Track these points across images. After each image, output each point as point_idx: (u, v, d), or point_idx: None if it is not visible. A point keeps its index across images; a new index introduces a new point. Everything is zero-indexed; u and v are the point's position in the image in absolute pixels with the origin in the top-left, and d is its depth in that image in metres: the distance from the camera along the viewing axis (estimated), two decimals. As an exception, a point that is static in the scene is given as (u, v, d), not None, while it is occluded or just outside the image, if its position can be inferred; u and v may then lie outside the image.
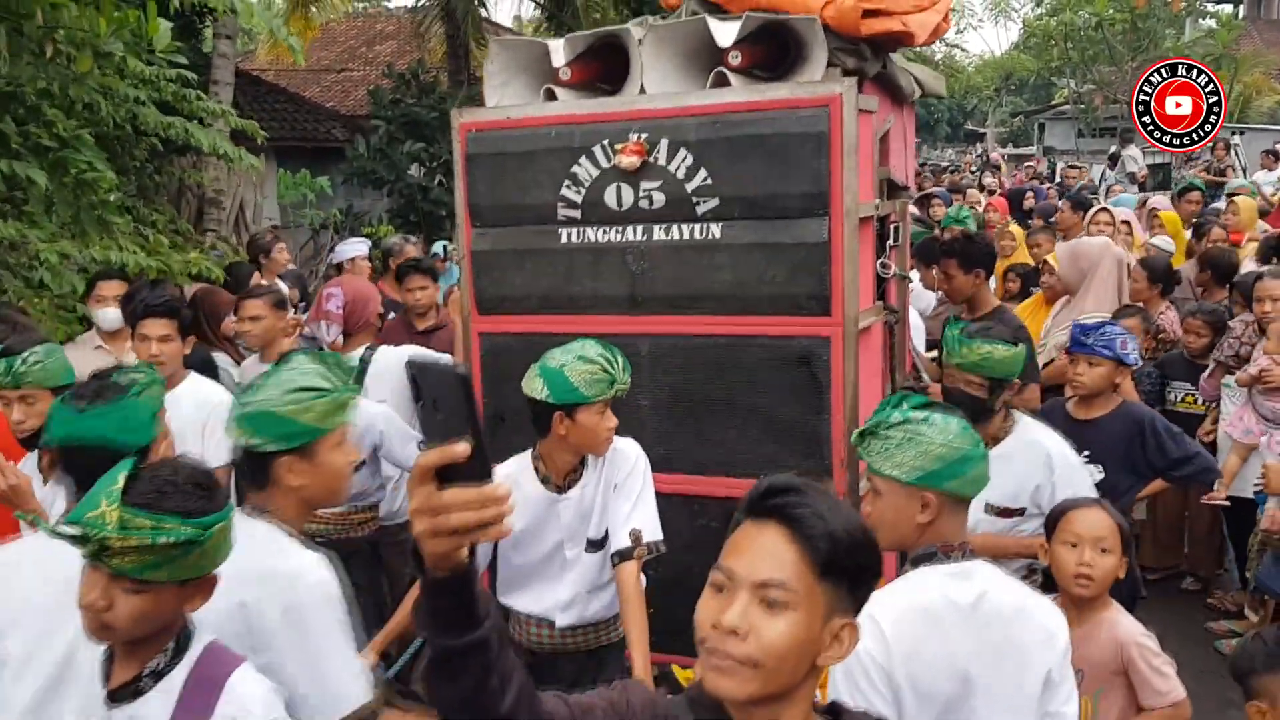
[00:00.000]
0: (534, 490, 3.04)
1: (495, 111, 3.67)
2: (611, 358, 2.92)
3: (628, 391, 3.53)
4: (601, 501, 3.03)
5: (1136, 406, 3.90)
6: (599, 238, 3.53)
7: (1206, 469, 3.82)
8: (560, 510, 3.04)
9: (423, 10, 17.26)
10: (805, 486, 1.48)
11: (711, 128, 3.33)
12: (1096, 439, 3.76)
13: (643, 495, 3.01)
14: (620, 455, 3.04)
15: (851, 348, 3.30)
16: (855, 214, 3.27)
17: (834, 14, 3.48)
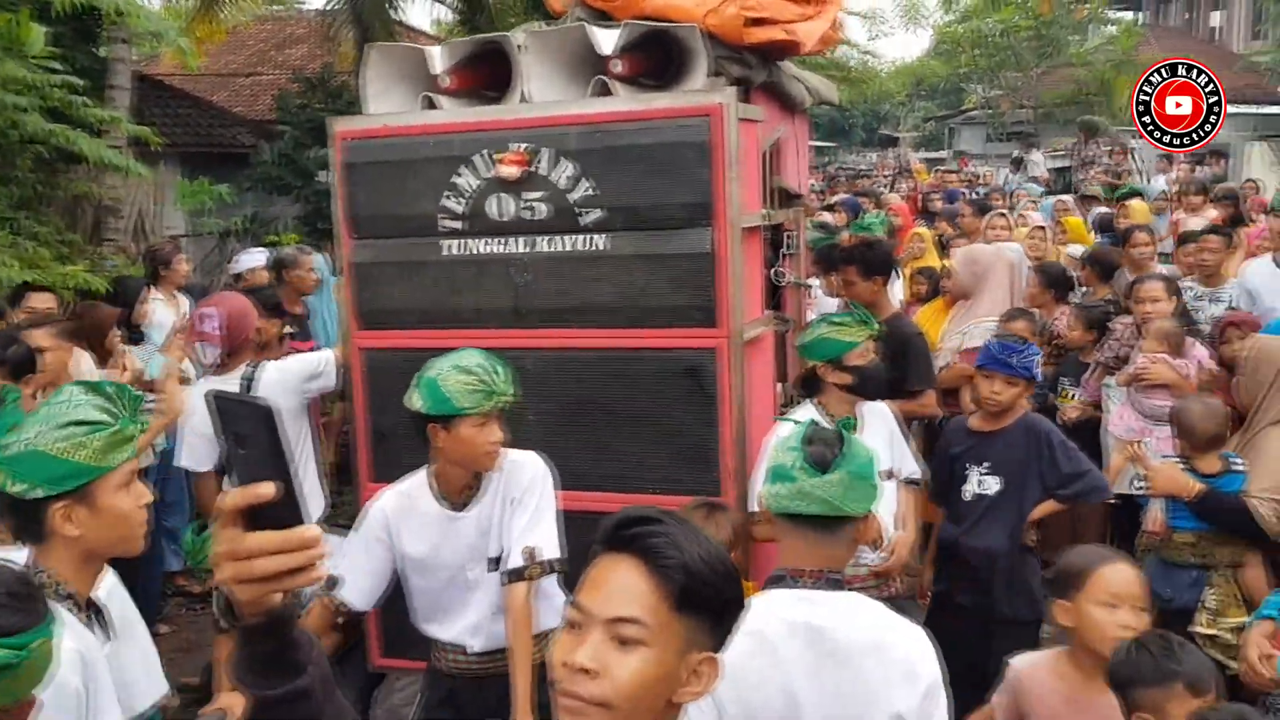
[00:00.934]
0: (431, 509, 2.93)
1: (373, 120, 3.56)
2: (491, 368, 2.82)
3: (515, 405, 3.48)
4: (500, 518, 2.93)
5: (1035, 418, 3.89)
6: (482, 249, 3.44)
7: (1096, 488, 3.78)
8: (459, 529, 2.93)
9: (333, 14, 16.96)
10: (662, 516, 1.43)
11: (594, 137, 3.27)
12: (996, 451, 3.76)
13: (540, 510, 2.91)
14: (518, 469, 2.94)
15: (738, 358, 3.27)
16: (739, 224, 3.23)
17: (717, 22, 3.45)
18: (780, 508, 2.10)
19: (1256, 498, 3.52)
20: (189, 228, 12.14)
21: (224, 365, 4.31)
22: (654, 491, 3.30)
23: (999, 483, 3.72)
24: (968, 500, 3.77)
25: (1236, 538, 3.62)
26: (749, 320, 3.40)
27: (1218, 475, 3.64)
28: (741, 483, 3.31)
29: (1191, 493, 3.57)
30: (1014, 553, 3.70)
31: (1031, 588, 3.69)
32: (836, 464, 2.09)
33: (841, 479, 2.07)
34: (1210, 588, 3.63)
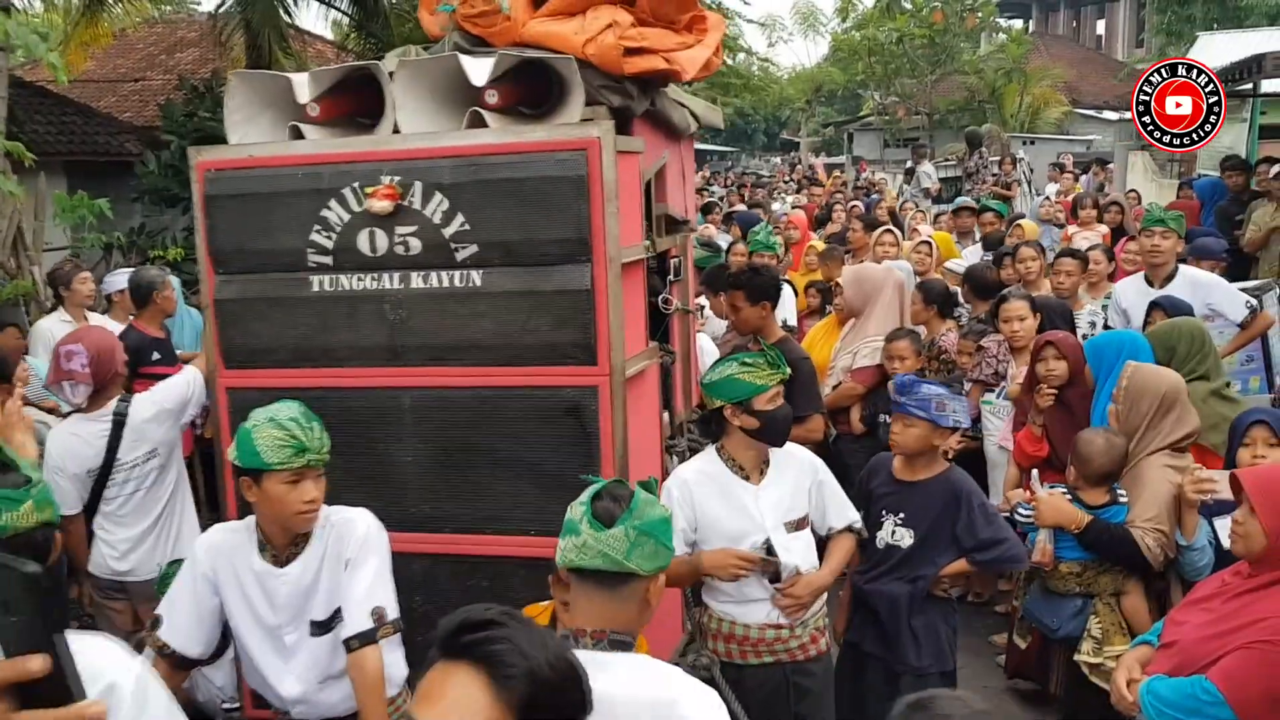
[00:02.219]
0: (252, 561, 2.79)
1: (237, 150, 3.41)
2: (304, 424, 2.69)
3: (387, 449, 3.36)
4: (328, 578, 2.78)
5: (959, 476, 3.69)
6: (353, 285, 3.31)
7: (1013, 558, 3.61)
8: (278, 587, 2.77)
9: (223, 17, 16.44)
10: (503, 619, 1.34)
11: (467, 170, 3.17)
12: (914, 504, 3.63)
13: (380, 570, 2.78)
14: (349, 526, 2.80)
15: (620, 396, 3.20)
16: (619, 259, 3.17)
17: (596, 52, 3.38)
18: (564, 561, 2.06)
19: (1140, 527, 3.59)
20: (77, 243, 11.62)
21: (92, 403, 4.10)
22: (535, 533, 3.21)
23: (912, 537, 3.59)
24: (880, 548, 3.65)
25: (1119, 567, 3.69)
26: (631, 356, 3.34)
27: (1103, 507, 3.70)
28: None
29: (1079, 524, 3.62)
30: (921, 603, 3.58)
31: (940, 638, 3.59)
32: (621, 519, 2.05)
33: (625, 534, 2.03)
34: (1094, 616, 3.71)
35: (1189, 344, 4.24)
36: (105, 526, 4.23)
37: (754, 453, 3.29)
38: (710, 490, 3.30)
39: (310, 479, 2.69)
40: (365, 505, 3.35)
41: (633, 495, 2.13)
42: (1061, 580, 3.76)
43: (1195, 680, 2.69)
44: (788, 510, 3.29)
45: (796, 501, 3.32)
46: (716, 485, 3.31)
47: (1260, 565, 2.75)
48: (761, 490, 3.27)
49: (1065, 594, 3.76)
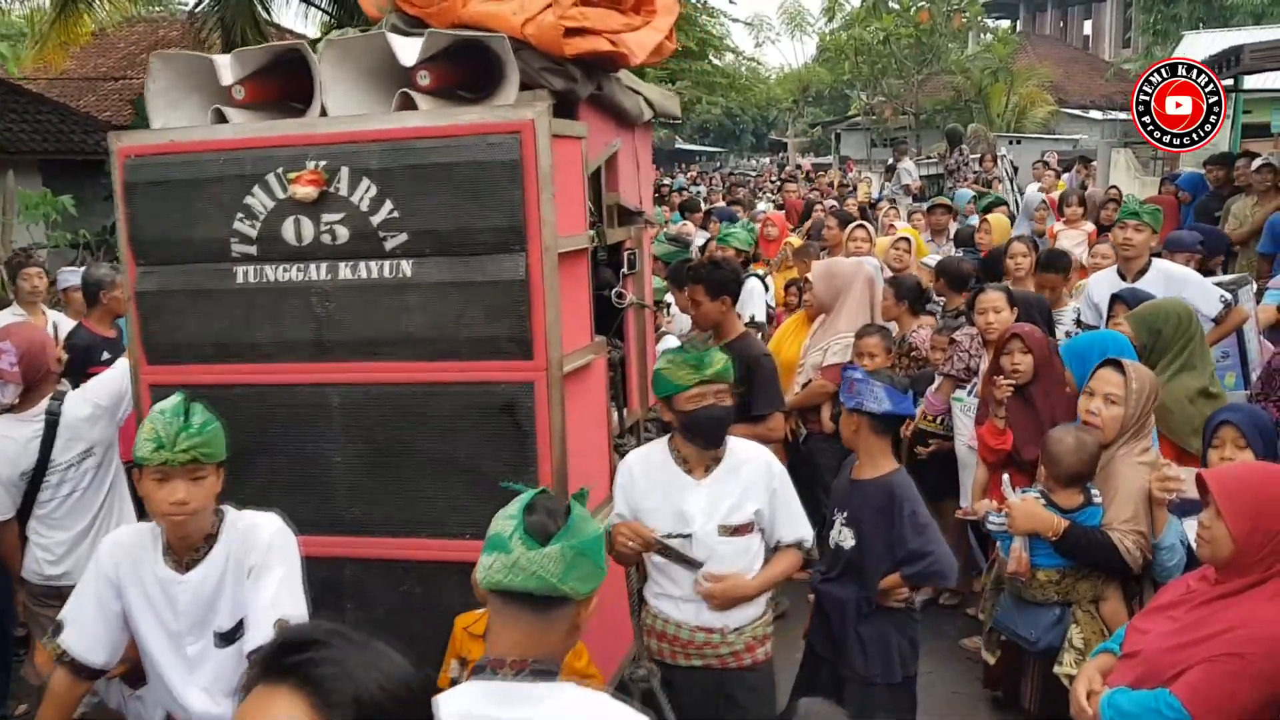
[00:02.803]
0: (155, 566, 2.64)
1: (159, 134, 3.25)
2: (169, 419, 2.53)
3: (316, 448, 3.21)
4: (232, 586, 2.62)
5: (901, 482, 3.50)
6: (279, 276, 3.16)
7: (938, 574, 3.44)
8: (179, 594, 2.61)
9: (201, 16, 16.28)
10: (329, 637, 1.19)
11: (396, 155, 3.02)
12: (856, 502, 3.51)
13: (286, 578, 2.61)
14: (254, 531, 2.64)
15: (557, 393, 3.05)
16: (556, 248, 3.02)
17: (535, 31, 3.23)
18: (491, 582, 1.87)
19: (1119, 530, 3.42)
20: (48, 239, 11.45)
21: (22, 403, 3.94)
22: (469, 536, 3.05)
23: (853, 538, 3.46)
24: (832, 547, 3.54)
25: (1097, 572, 3.49)
26: (571, 350, 3.19)
27: (1078, 509, 3.49)
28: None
29: (1057, 530, 3.41)
30: (869, 611, 3.43)
31: (890, 649, 3.43)
32: (558, 537, 1.89)
33: (561, 553, 1.86)
34: (1075, 625, 3.49)
35: (1175, 325, 4.07)
36: (39, 530, 4.06)
37: (695, 448, 3.15)
38: (651, 478, 3.22)
39: (181, 479, 2.51)
40: (293, 506, 3.21)
41: (569, 510, 1.97)
42: (1040, 589, 3.53)
43: (1159, 694, 2.55)
44: (727, 513, 3.12)
45: (741, 506, 3.14)
46: (658, 474, 3.21)
47: (1226, 571, 2.61)
48: (702, 486, 3.13)
49: (1042, 603, 3.55)
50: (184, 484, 2.52)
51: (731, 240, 6.73)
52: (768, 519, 3.20)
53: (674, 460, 3.18)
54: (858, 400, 3.41)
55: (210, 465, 2.56)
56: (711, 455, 3.17)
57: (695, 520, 3.10)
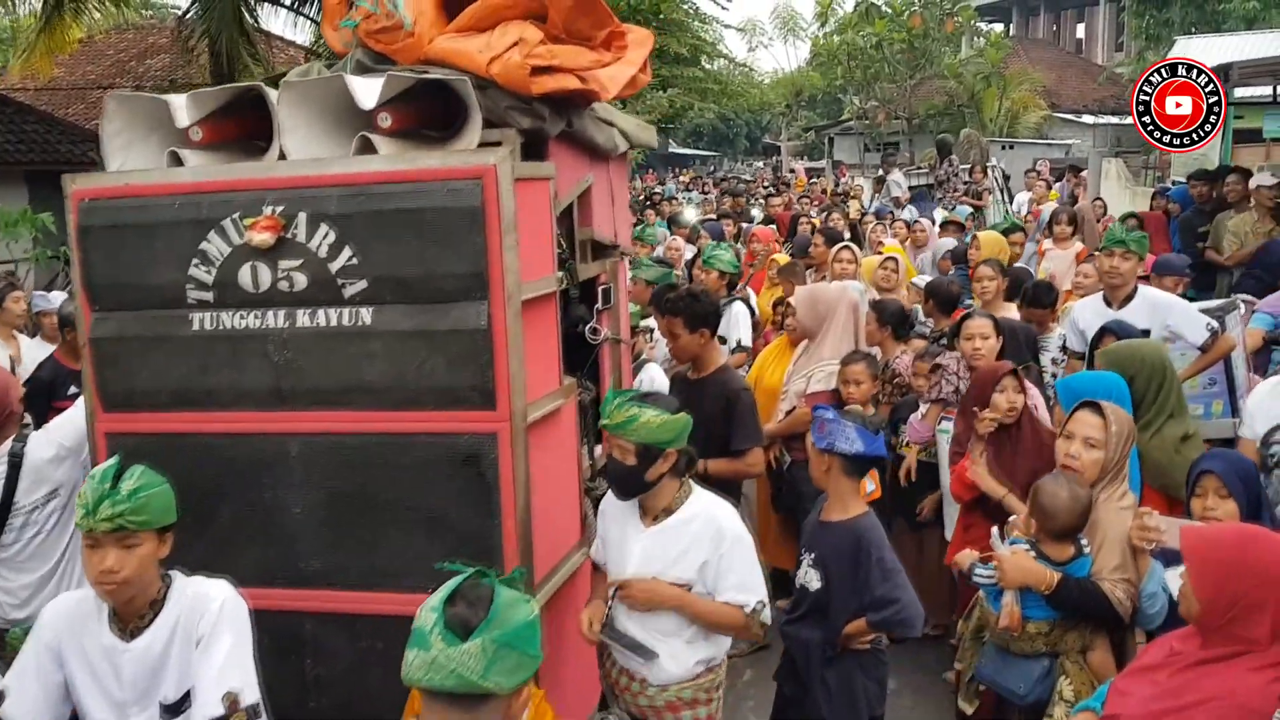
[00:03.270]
0: (99, 633, 2.56)
1: (115, 177, 3.16)
2: (96, 485, 2.46)
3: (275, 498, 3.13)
4: (179, 656, 2.53)
5: (867, 525, 3.44)
6: (236, 324, 3.07)
7: (903, 623, 3.32)
8: (124, 663, 2.52)
9: (189, 24, 16.18)
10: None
11: (355, 200, 2.93)
12: (824, 544, 3.44)
13: (235, 649, 2.51)
14: (203, 600, 2.55)
15: (521, 443, 2.97)
16: (519, 295, 2.94)
17: (500, 71, 3.16)
18: (411, 680, 1.81)
19: (1109, 579, 3.32)
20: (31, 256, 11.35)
21: None
22: (432, 591, 2.97)
23: (819, 580, 3.41)
24: (797, 588, 3.50)
25: (1085, 623, 3.36)
26: (537, 397, 3.11)
27: (1069, 561, 3.34)
28: (528, 581, 3.02)
29: (1050, 584, 3.27)
30: (835, 654, 3.38)
31: (855, 692, 3.37)
32: (479, 630, 1.81)
33: (482, 648, 1.78)
34: (1064, 676, 3.35)
35: (1149, 374, 4.00)
36: (2, 574, 3.97)
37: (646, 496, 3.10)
38: (616, 519, 3.22)
39: (111, 546, 2.43)
40: (252, 558, 3.16)
41: (493, 597, 1.89)
42: (1029, 641, 3.38)
43: None
44: (664, 568, 3.04)
45: (680, 565, 3.04)
46: (621, 516, 3.20)
47: (1208, 636, 2.53)
48: (645, 535, 3.07)
49: (1029, 655, 3.40)
50: (114, 551, 2.44)
51: (715, 263, 6.65)
52: (711, 581, 3.06)
53: (638, 502, 3.13)
54: (829, 441, 3.34)
55: (145, 533, 2.47)
56: (662, 505, 3.09)
57: (628, 569, 3.05)
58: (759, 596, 3.08)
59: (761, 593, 3.10)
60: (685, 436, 3.07)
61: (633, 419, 2.95)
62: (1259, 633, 2.40)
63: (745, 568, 3.07)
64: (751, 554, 3.11)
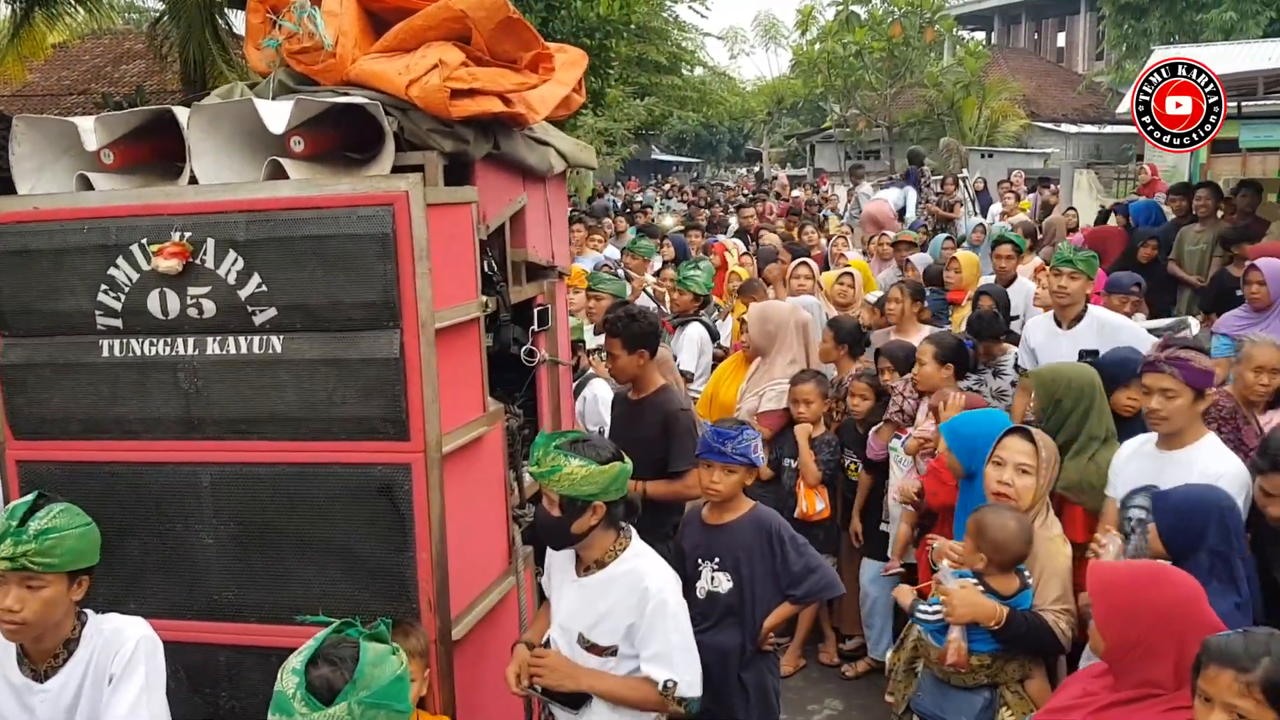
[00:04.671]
0: (9, 674, 2.51)
1: (22, 201, 3.10)
2: (4, 521, 2.41)
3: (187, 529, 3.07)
4: (91, 695, 2.48)
5: (765, 513, 3.65)
6: (145, 351, 3.01)
7: (828, 585, 3.59)
8: (36, 704, 2.48)
9: (161, 29, 16.08)
10: None
11: (264, 226, 2.87)
12: (725, 546, 3.55)
13: (148, 688, 2.47)
14: (117, 638, 2.51)
15: (436, 474, 2.92)
16: (432, 324, 2.88)
17: (419, 94, 3.10)
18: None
19: (1052, 610, 3.28)
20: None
21: None
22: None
23: (729, 580, 3.51)
24: (701, 599, 3.53)
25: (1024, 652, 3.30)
26: (456, 426, 3.06)
27: (1015, 595, 3.28)
28: (442, 616, 2.96)
29: (1000, 619, 3.19)
30: (750, 655, 3.49)
31: (768, 692, 3.50)
32: (345, 693, 1.75)
33: (349, 711, 1.73)
34: (1005, 707, 3.30)
35: (1076, 399, 3.97)
36: None
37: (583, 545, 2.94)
38: (556, 558, 3.09)
39: (14, 584, 2.37)
40: (165, 589, 3.11)
41: (358, 655, 1.83)
42: (971, 674, 3.31)
43: None
44: (589, 625, 2.90)
45: (604, 625, 2.89)
46: (560, 557, 3.06)
47: (1118, 676, 2.50)
48: (575, 585, 2.96)
49: (970, 686, 3.33)
50: (15, 590, 2.38)
51: (690, 284, 6.62)
52: (637, 646, 2.88)
53: (575, 554, 3.00)
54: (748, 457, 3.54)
55: (52, 574, 2.40)
56: (594, 557, 2.94)
57: (558, 617, 2.96)
58: (674, 674, 2.84)
59: (682, 670, 2.85)
60: (616, 487, 2.85)
61: (555, 469, 2.77)
62: (1162, 675, 2.37)
63: (666, 639, 2.84)
64: (677, 623, 2.87)
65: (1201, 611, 2.42)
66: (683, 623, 2.88)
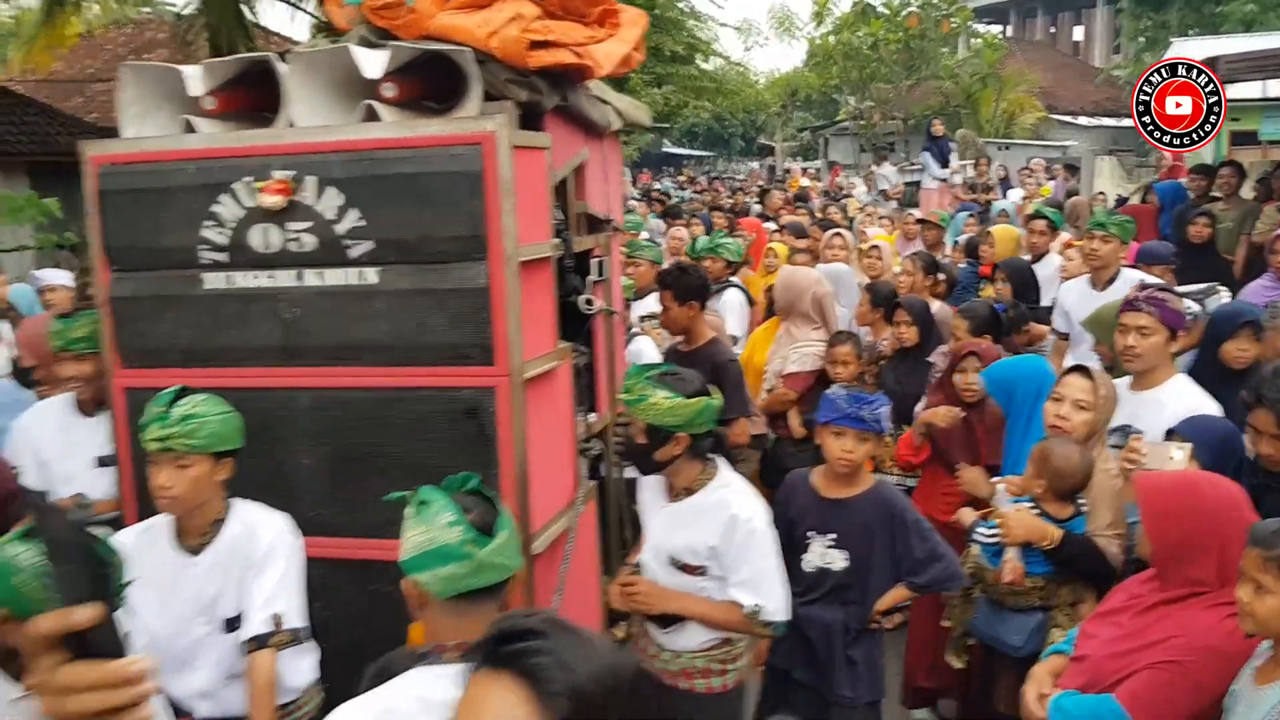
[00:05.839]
0: (167, 551, 2.80)
1: (131, 144, 3.31)
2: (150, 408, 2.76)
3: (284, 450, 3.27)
4: (237, 575, 2.77)
5: (890, 492, 3.55)
6: (246, 283, 3.23)
7: (953, 576, 3.48)
8: (190, 577, 2.77)
9: (188, 19, 16.32)
10: (547, 627, 1.22)
11: (360, 165, 3.08)
12: (844, 523, 3.46)
13: (287, 576, 2.75)
14: (261, 528, 2.81)
15: (519, 397, 3.12)
16: (516, 257, 3.09)
17: (499, 45, 3.30)
18: (458, 590, 1.95)
19: (1103, 536, 3.47)
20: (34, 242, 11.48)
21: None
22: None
23: (845, 559, 3.44)
24: (808, 572, 3.49)
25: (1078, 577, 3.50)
26: (534, 356, 3.26)
27: (1070, 519, 3.49)
28: (525, 528, 3.17)
29: (1054, 540, 3.39)
30: (856, 633, 3.45)
31: (876, 668, 3.47)
32: (498, 523, 1.98)
33: (509, 536, 1.97)
34: (1057, 628, 3.49)
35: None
36: None
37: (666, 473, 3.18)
38: (648, 483, 3.33)
39: (166, 464, 2.68)
40: (263, 508, 3.31)
41: (483, 494, 2.06)
42: (1024, 595, 3.51)
43: (1103, 699, 2.64)
44: (678, 549, 3.12)
45: (692, 549, 3.11)
46: (652, 482, 3.31)
47: (1164, 578, 2.69)
48: (665, 511, 3.19)
49: (1023, 609, 3.53)
50: (168, 469, 2.69)
51: (722, 251, 6.80)
52: (725, 569, 3.10)
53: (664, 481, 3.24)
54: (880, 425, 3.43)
55: (196, 455, 2.67)
56: (682, 485, 3.18)
57: (649, 540, 3.17)
58: (759, 600, 3.06)
59: (768, 596, 3.07)
60: (702, 420, 3.05)
61: (642, 398, 3.02)
62: (1206, 574, 2.56)
63: (753, 565, 3.06)
64: (764, 550, 3.08)
65: (1243, 514, 2.61)
66: (770, 549, 3.09)
